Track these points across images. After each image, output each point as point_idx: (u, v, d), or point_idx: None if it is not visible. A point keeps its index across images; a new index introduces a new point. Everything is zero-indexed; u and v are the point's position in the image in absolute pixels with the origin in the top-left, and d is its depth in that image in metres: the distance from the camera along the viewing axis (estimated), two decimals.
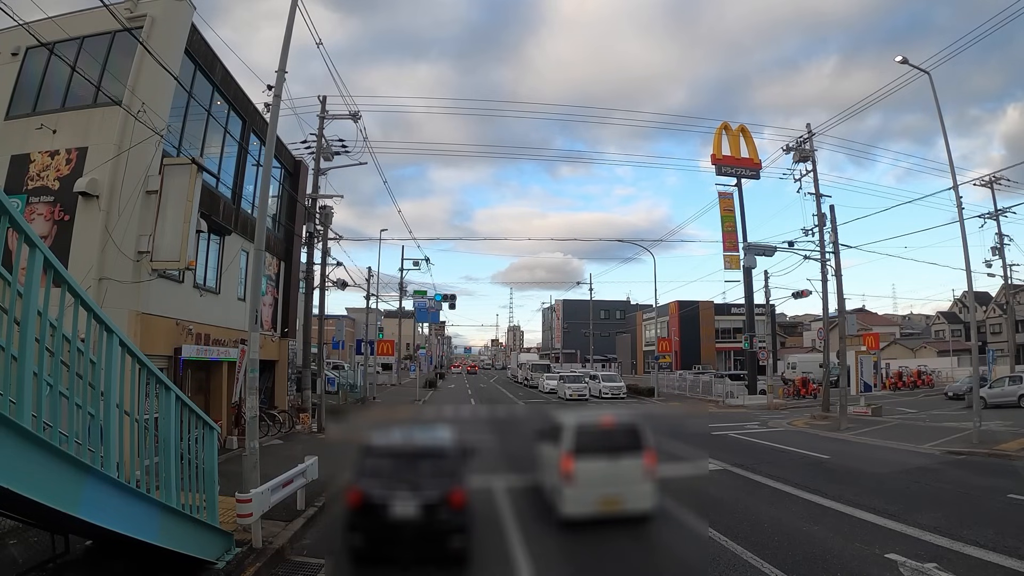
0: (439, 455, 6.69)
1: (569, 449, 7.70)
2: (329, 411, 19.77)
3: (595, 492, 7.37)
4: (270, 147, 8.55)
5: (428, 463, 6.54)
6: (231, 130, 14.80)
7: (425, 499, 6.05)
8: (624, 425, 8.35)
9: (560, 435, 8.08)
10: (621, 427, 8.29)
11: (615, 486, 7.53)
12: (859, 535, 7.56)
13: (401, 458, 6.66)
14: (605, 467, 7.62)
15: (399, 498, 6.02)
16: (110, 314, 10.10)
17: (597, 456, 7.67)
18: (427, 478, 6.26)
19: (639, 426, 8.15)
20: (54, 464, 3.78)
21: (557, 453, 7.94)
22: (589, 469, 7.50)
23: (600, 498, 7.39)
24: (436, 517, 6.04)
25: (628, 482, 7.52)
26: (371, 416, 23.28)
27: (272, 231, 19.10)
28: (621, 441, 7.91)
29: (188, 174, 10.31)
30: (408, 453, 6.78)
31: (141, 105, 10.16)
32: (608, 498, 7.42)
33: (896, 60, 17.31)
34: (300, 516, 8.09)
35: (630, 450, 7.76)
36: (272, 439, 16.12)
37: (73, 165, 11.42)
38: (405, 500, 6.02)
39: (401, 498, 6.02)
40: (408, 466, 6.47)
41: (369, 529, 5.95)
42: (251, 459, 7.19)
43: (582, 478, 7.41)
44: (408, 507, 5.96)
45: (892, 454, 14.66)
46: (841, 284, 20.65)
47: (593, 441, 7.86)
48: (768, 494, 10.18)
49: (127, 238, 10.39)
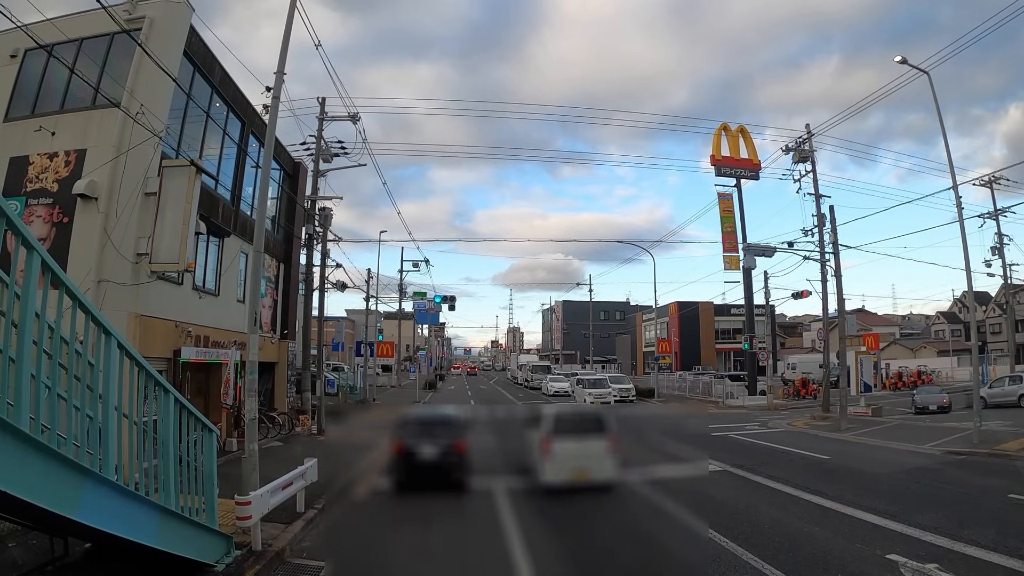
0: (448, 422, 10.87)
1: (548, 432, 9.98)
2: (329, 413, 19.76)
3: (568, 466, 9.30)
4: (269, 148, 8.54)
5: (441, 426, 10.53)
6: (230, 132, 14.79)
7: (440, 447, 9.72)
8: (591, 414, 11.48)
9: (541, 422, 10.46)
10: (589, 416, 11.14)
11: (584, 461, 9.50)
12: (860, 536, 7.54)
13: (425, 423, 10.89)
14: (576, 447, 9.76)
15: (424, 446, 9.71)
16: (109, 316, 10.08)
17: (569, 438, 9.87)
18: (441, 434, 10.06)
19: (603, 415, 10.77)
20: (53, 467, 3.76)
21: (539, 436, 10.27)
22: (563, 448, 9.63)
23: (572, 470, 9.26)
24: (446, 459, 9.61)
25: (594, 458, 9.48)
26: (371, 418, 23.33)
27: (271, 233, 19.09)
28: (589, 427, 10.21)
29: (187, 176, 10.30)
30: (429, 420, 11.22)
31: (139, 107, 10.14)
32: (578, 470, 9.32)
33: (895, 60, 17.34)
34: (300, 518, 8.07)
35: (596, 433, 10.01)
36: (272, 441, 16.09)
37: (72, 167, 11.41)
38: (427, 448, 9.68)
39: (425, 446, 9.69)
40: (429, 428, 10.44)
41: (405, 466, 9.49)
42: (250, 461, 7.18)
43: (558, 455, 9.46)
44: (429, 452, 9.57)
45: (892, 454, 14.65)
46: (841, 284, 20.68)
47: (567, 427, 10.15)
48: (768, 495, 10.17)
49: (126, 240, 10.38)
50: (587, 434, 9.99)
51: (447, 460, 9.63)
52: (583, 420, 10.68)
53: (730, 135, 35.26)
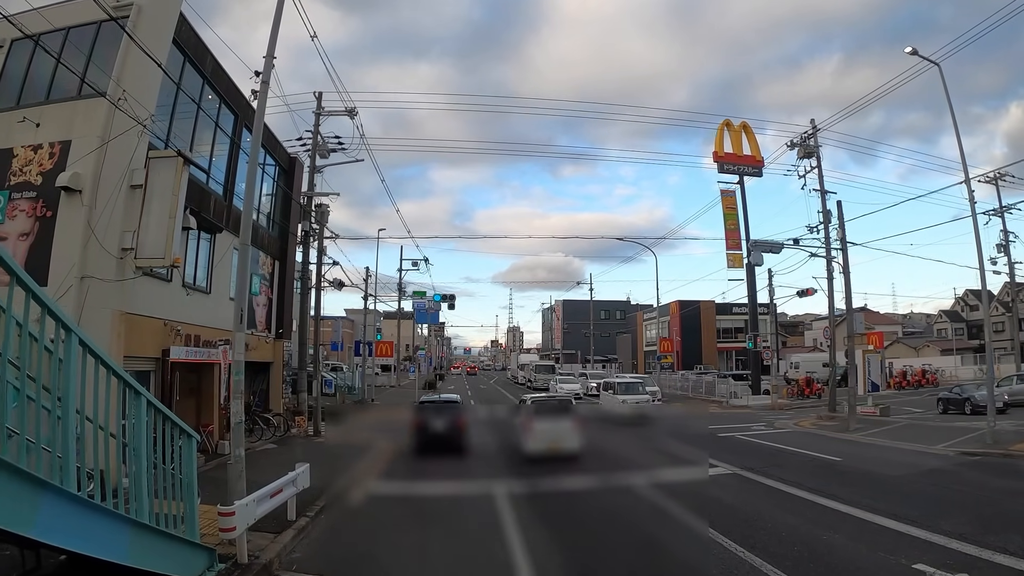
0: (453, 403, 15.80)
1: (529, 415, 13.68)
2: (327, 414, 19.36)
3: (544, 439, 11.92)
4: (257, 136, 8.10)
5: (448, 406, 14.99)
6: (223, 125, 14.34)
7: (447, 422, 13.41)
8: (562, 401, 15.87)
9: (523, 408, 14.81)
10: (560, 403, 15.32)
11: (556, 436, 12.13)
12: (882, 543, 7.13)
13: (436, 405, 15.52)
14: (550, 425, 12.73)
15: (435, 421, 13.51)
16: (92, 314, 9.75)
17: (545, 420, 13.12)
18: (447, 413, 14.02)
19: (570, 403, 15.24)
20: (4, 480, 3.35)
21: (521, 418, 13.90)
22: (541, 426, 12.64)
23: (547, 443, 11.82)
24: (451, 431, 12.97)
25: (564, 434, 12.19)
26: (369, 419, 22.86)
27: (266, 229, 18.65)
28: (560, 410, 13.86)
29: (174, 167, 9.84)
30: (439, 402, 16.10)
31: (122, 93, 9.69)
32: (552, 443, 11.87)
33: (906, 51, 16.91)
34: (291, 527, 7.60)
35: (565, 415, 13.45)
36: (266, 443, 15.68)
37: (56, 159, 10.98)
38: (437, 423, 13.41)
39: (436, 421, 13.48)
40: (439, 408, 14.75)
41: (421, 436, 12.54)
42: (236, 467, 6.72)
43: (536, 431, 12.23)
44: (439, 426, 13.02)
45: (905, 455, 14.26)
46: (849, 281, 20.24)
47: (542, 411, 13.83)
48: (782, 500, 9.75)
49: (110, 234, 9.92)
50: (558, 416, 13.39)
51: (452, 432, 13.12)
52: (555, 406, 14.52)
53: (733, 131, 34.82)
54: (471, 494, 10.28)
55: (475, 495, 10.12)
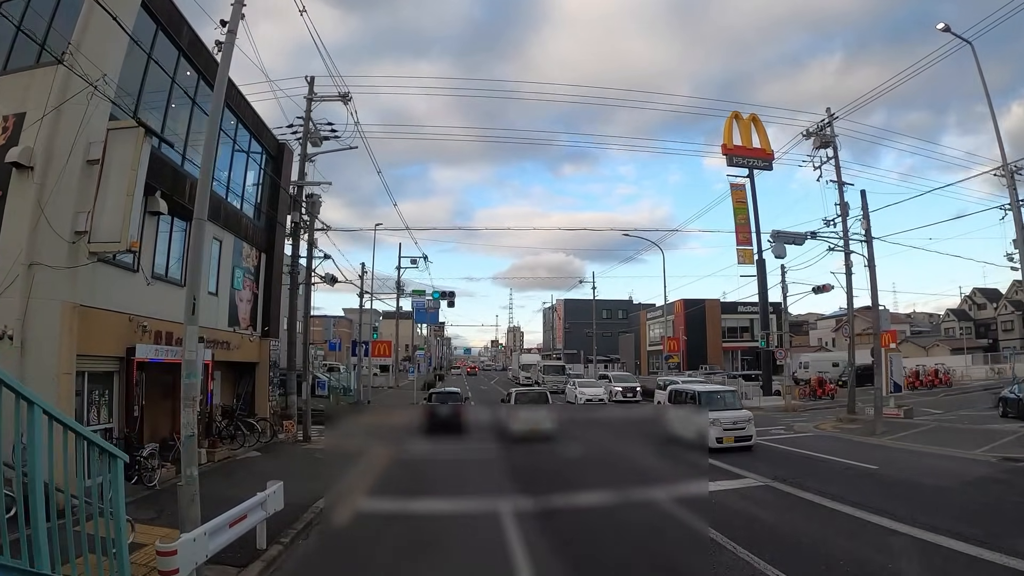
0: (455, 394, 22.53)
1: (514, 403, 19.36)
2: (318, 417, 18.14)
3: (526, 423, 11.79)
4: (220, 91, 6.87)
5: (451, 397, 21.61)
6: (201, 103, 13.11)
7: (450, 409, 15.18)
8: (540, 392, 21.99)
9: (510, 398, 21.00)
10: (539, 393, 21.67)
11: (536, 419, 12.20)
12: (958, 573, 5.99)
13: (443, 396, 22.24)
14: (531, 411, 14.19)
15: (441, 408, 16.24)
16: (39, 306, 8.48)
17: (527, 406, 17.18)
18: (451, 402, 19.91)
19: (547, 394, 21.57)
20: None
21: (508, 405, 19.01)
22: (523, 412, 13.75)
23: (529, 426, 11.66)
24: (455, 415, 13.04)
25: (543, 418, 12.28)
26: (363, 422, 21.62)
27: (252, 219, 17.42)
28: (539, 399, 19.73)
29: (133, 138, 8.61)
30: (445, 393, 23.27)
31: (69, 47, 8.45)
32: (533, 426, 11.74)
33: (938, 27, 15.85)
34: (258, 558, 6.35)
35: (543, 403, 19.03)
36: (250, 451, 14.44)
37: (9, 134, 9.76)
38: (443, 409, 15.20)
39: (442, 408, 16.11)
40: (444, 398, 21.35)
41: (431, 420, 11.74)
42: (187, 491, 5.47)
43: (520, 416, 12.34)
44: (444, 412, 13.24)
45: (944, 462, 13.10)
46: (875, 275, 18.98)
47: (525, 399, 19.81)
48: (828, 518, 8.53)
49: (62, 216, 8.67)
50: (537, 403, 18.66)
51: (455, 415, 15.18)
52: (535, 396, 20.55)
53: (742, 123, 33.57)
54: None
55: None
